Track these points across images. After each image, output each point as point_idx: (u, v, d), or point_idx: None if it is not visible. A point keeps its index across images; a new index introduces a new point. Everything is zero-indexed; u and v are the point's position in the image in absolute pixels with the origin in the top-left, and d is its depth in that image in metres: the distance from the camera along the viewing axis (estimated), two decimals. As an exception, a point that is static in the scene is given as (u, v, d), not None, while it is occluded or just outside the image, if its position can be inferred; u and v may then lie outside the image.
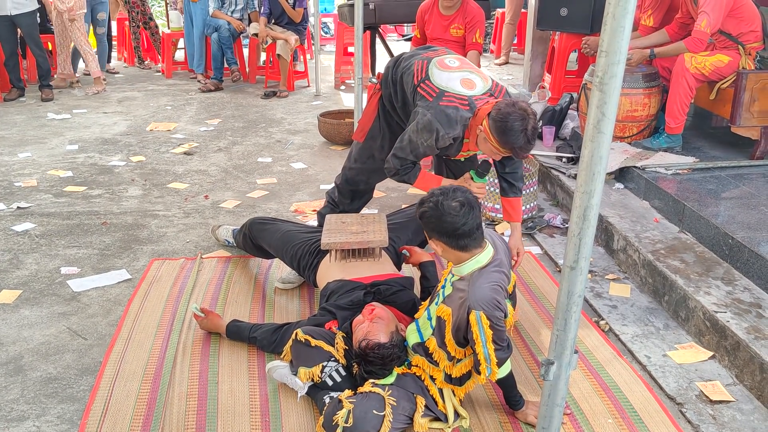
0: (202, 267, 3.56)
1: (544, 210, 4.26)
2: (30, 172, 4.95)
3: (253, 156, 5.37)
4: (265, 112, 6.69)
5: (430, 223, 2.28)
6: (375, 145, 3.26)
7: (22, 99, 7.12)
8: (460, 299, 2.24)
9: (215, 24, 7.49)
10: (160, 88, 7.73)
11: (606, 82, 1.27)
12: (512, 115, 2.54)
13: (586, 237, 1.39)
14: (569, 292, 1.46)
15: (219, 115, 6.56)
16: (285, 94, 7.30)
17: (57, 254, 3.70)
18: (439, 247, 2.30)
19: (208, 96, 7.32)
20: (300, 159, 5.28)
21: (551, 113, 5.01)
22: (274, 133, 5.98)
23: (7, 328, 3.00)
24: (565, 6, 5.15)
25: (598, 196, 1.35)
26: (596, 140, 1.30)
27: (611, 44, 1.24)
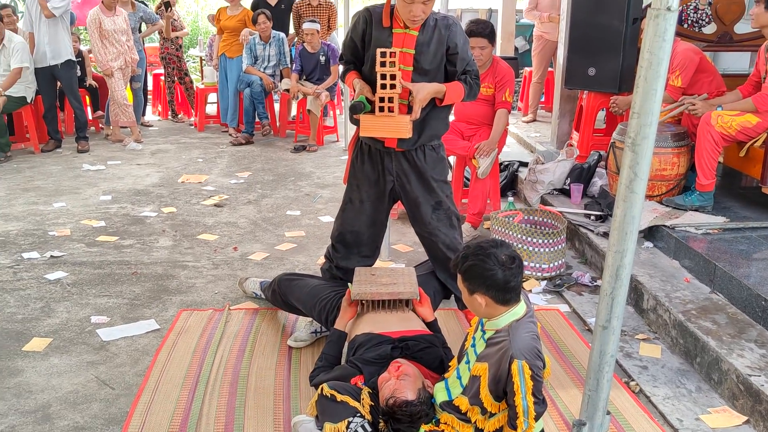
0: (229, 318, 3.58)
1: (572, 268, 4.23)
2: (64, 222, 5.05)
3: (282, 209, 5.43)
4: (295, 165, 6.79)
5: (477, 278, 2.26)
6: (352, 186, 3.29)
7: (58, 150, 7.30)
8: (499, 351, 2.23)
9: (248, 80, 7.67)
10: (192, 141, 7.89)
11: (638, 143, 1.28)
12: None
13: (619, 296, 1.38)
14: (601, 352, 1.45)
15: (249, 168, 6.67)
16: (314, 148, 7.41)
17: (88, 303, 3.74)
18: (483, 301, 2.28)
19: (239, 149, 7.45)
20: (328, 212, 5.33)
21: (579, 171, 5.02)
22: (303, 187, 6.05)
23: (37, 375, 3.03)
24: (592, 65, 5.21)
25: (630, 256, 1.35)
26: (629, 200, 1.31)
27: (643, 106, 1.26)
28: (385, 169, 3.17)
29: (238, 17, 7.85)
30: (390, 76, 2.90)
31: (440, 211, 3.24)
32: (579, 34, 5.29)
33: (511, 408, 2.23)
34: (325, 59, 7.57)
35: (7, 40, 6.73)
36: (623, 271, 1.35)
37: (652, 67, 1.23)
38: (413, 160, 3.14)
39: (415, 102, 2.92)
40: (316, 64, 7.59)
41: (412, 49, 2.96)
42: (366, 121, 2.97)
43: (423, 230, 3.29)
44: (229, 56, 7.90)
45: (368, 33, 3.03)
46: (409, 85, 2.93)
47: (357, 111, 2.94)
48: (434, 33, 2.99)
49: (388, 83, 2.91)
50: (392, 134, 2.99)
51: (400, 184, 3.20)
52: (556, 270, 4.09)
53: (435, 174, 3.19)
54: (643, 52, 1.24)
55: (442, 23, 3.01)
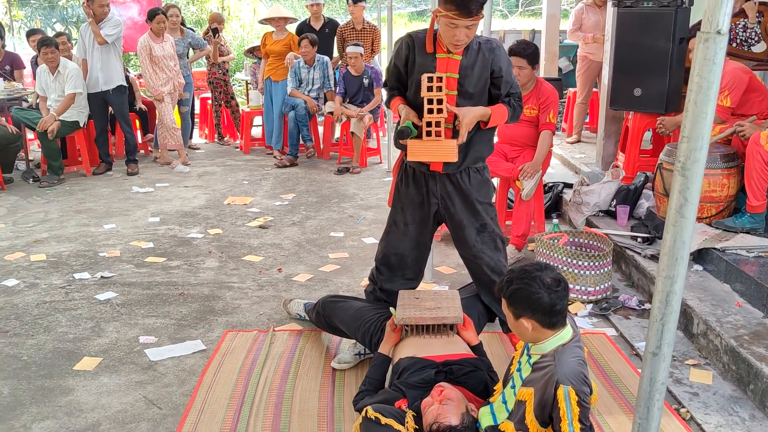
0: (274, 340, 3.61)
1: (618, 291, 4.17)
2: (114, 243, 5.16)
3: (325, 230, 5.47)
4: (338, 187, 6.84)
5: (522, 302, 2.25)
6: (397, 209, 3.30)
7: (109, 173, 7.48)
8: (545, 376, 2.21)
9: (293, 103, 7.77)
10: (237, 163, 8.01)
11: (688, 168, 1.27)
12: None
13: (669, 323, 1.36)
14: (652, 379, 1.42)
15: (293, 190, 6.74)
16: (358, 170, 7.46)
17: (136, 323, 3.81)
18: (529, 326, 2.26)
19: (283, 171, 7.54)
20: (371, 234, 5.35)
21: (625, 192, 4.96)
22: (347, 209, 6.09)
23: (87, 394, 3.09)
24: (638, 86, 5.15)
25: (681, 282, 1.33)
26: (679, 225, 1.29)
27: (693, 130, 1.25)
28: (430, 192, 3.18)
29: (284, 42, 7.98)
30: (437, 100, 2.91)
31: (485, 234, 3.23)
32: (624, 55, 5.24)
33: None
34: (368, 82, 7.64)
35: (62, 67, 6.95)
36: (674, 297, 1.33)
37: (702, 90, 1.22)
38: (458, 182, 3.14)
39: (461, 126, 2.93)
40: (359, 87, 7.67)
41: (456, 73, 2.98)
42: (413, 146, 2.99)
43: (467, 253, 3.28)
44: (274, 80, 8.02)
45: (411, 59, 3.06)
46: (455, 110, 2.95)
47: (404, 136, 2.97)
48: (478, 56, 3.00)
49: (435, 108, 2.92)
50: (439, 158, 3.00)
51: (445, 207, 3.20)
52: (602, 293, 4.03)
53: (480, 196, 3.19)
54: (692, 75, 1.22)
55: (486, 47, 3.02)
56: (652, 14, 5.03)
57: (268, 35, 8.17)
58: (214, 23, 8.78)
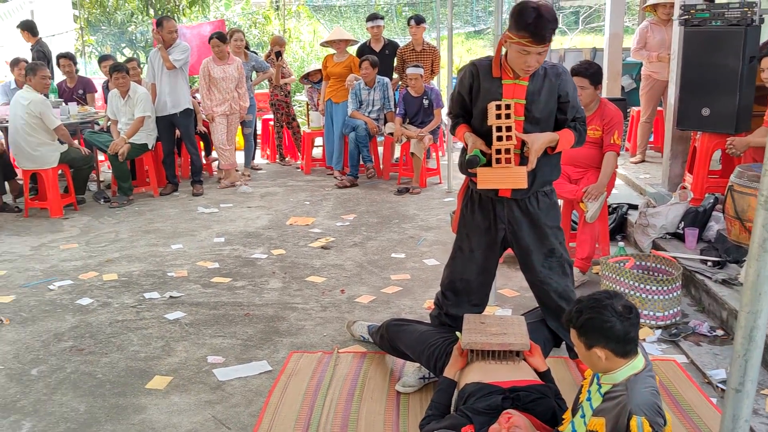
0: (338, 361, 3.64)
1: (688, 316, 4.07)
2: (181, 263, 5.29)
3: (386, 251, 5.50)
4: (398, 208, 6.88)
5: (595, 331, 2.23)
6: (462, 235, 3.29)
7: (175, 193, 7.69)
8: (617, 406, 2.17)
9: (353, 124, 7.87)
10: (299, 183, 8.13)
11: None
12: (526, 3, 2.81)
13: (753, 359, 1.33)
14: (734, 417, 1.39)
15: (354, 210, 6.80)
16: (417, 190, 7.49)
17: (204, 343, 3.90)
18: (602, 355, 2.24)
19: (344, 192, 7.62)
20: (433, 255, 5.35)
21: (694, 214, 4.85)
22: (407, 229, 6.11)
23: (159, 413, 3.17)
24: (707, 105, 5.05)
25: (764, 317, 1.30)
26: (762, 259, 1.27)
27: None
28: (497, 218, 3.17)
29: (344, 63, 8.10)
30: (505, 128, 2.92)
31: (553, 259, 3.20)
32: (692, 74, 5.15)
33: (630, 466, 2.15)
34: (428, 103, 7.69)
35: (132, 91, 7.20)
36: (757, 332, 1.31)
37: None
38: (526, 207, 3.13)
39: (531, 153, 2.93)
40: (419, 108, 7.71)
41: (522, 99, 2.98)
42: (483, 174, 3.00)
43: (534, 278, 3.25)
44: (335, 101, 8.14)
45: (475, 87, 3.08)
46: (523, 136, 2.95)
47: (473, 165, 2.98)
48: (544, 82, 3.00)
49: (503, 135, 2.93)
50: (510, 185, 3.01)
51: (512, 232, 3.19)
52: (671, 318, 3.94)
53: (548, 221, 3.17)
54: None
55: (552, 72, 3.02)
56: (721, 33, 4.93)
57: (329, 57, 8.30)
58: (277, 46, 8.97)
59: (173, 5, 14.95)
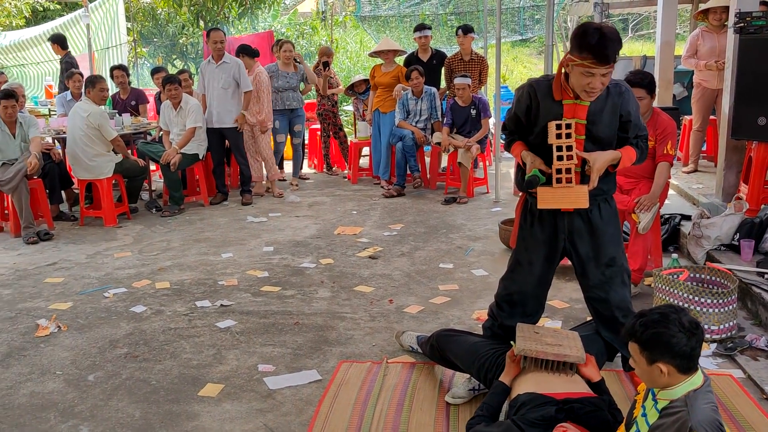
0: (387, 371, 3.65)
1: (744, 330, 3.97)
2: (231, 272, 5.37)
3: (434, 261, 5.49)
4: (446, 217, 6.86)
5: (661, 346, 2.19)
6: (520, 248, 3.26)
7: (225, 203, 7.82)
8: (676, 423, 2.13)
9: (400, 134, 7.89)
10: (346, 193, 8.18)
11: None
12: (588, 24, 2.80)
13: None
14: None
15: (401, 220, 6.81)
16: (465, 200, 7.47)
17: (255, 351, 3.95)
18: (666, 370, 2.20)
19: (391, 201, 7.64)
20: (481, 266, 5.33)
21: (750, 226, 4.73)
22: (455, 239, 6.10)
23: (211, 420, 3.22)
24: (763, 115, 4.93)
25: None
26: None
27: None
28: (558, 230, 3.15)
29: (392, 73, 8.14)
30: (566, 147, 2.90)
31: (614, 268, 3.16)
32: (747, 83, 5.04)
33: (691, 484, 2.11)
34: (476, 112, 7.67)
35: (183, 102, 7.35)
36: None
37: None
38: (588, 217, 3.11)
39: (592, 172, 2.92)
40: (467, 118, 7.70)
41: (583, 119, 2.95)
42: (543, 194, 2.98)
43: (592, 287, 3.21)
44: (382, 111, 8.18)
45: (533, 107, 3.06)
46: (585, 155, 2.93)
47: (533, 185, 2.96)
48: (607, 101, 2.97)
49: (564, 155, 2.91)
50: (571, 205, 2.99)
51: (572, 242, 3.16)
52: (726, 332, 3.85)
53: (609, 229, 3.15)
54: None
55: (615, 90, 2.99)
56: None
57: (377, 67, 8.36)
58: (324, 57, 9.06)
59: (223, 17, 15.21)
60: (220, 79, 7.52)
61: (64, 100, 8.14)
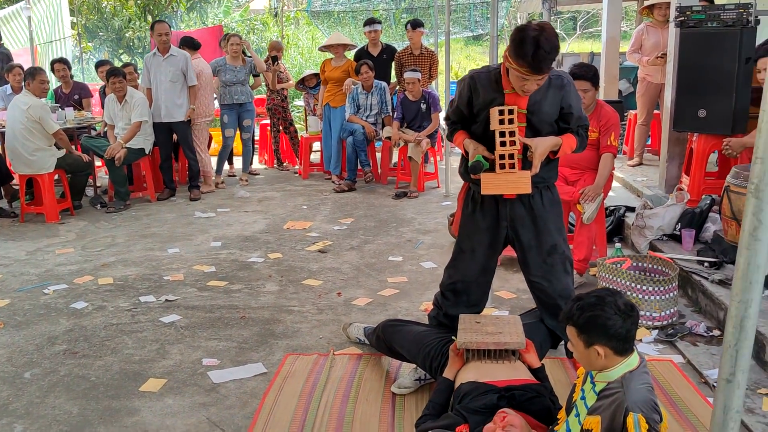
0: (334, 363, 3.62)
1: (685, 317, 4.05)
2: (177, 267, 5.28)
3: (384, 255, 5.48)
4: (396, 211, 6.86)
5: (597, 329, 2.21)
6: (463, 236, 3.29)
7: (173, 198, 7.68)
8: (613, 404, 2.16)
9: (351, 128, 7.86)
10: (296, 188, 8.12)
11: (762, 189, 1.23)
12: (527, 28, 2.74)
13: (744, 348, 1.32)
14: (725, 407, 1.38)
15: (352, 214, 6.79)
16: (415, 194, 7.48)
17: (199, 346, 3.88)
18: (602, 353, 2.22)
19: (342, 196, 7.61)
20: (430, 258, 5.34)
21: (690, 216, 4.84)
22: (405, 233, 6.10)
23: (152, 415, 3.15)
24: (703, 107, 5.05)
25: (756, 306, 1.29)
26: (753, 248, 1.26)
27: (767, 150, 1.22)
28: (500, 216, 3.17)
29: (342, 68, 8.10)
30: (509, 132, 2.91)
31: (555, 256, 3.19)
32: (688, 76, 5.15)
33: (626, 464, 2.13)
34: (426, 107, 7.68)
35: (129, 96, 7.20)
36: (748, 322, 1.29)
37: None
38: (529, 204, 3.13)
39: (535, 157, 2.93)
40: (417, 112, 7.71)
41: (524, 108, 2.97)
42: (487, 180, 2.99)
43: (534, 275, 3.23)
44: (332, 106, 8.14)
45: (474, 98, 3.07)
46: (527, 141, 2.95)
47: (477, 171, 2.96)
48: (548, 92, 2.99)
49: (507, 140, 2.92)
50: (514, 190, 3.00)
51: (514, 230, 3.18)
52: (668, 319, 3.92)
53: (551, 216, 3.17)
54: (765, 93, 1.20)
55: (556, 83, 3.01)
56: (717, 34, 4.94)
57: (327, 62, 8.31)
58: (274, 51, 8.98)
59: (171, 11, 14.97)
60: (167, 73, 7.39)
61: (4, 94, 7.91)
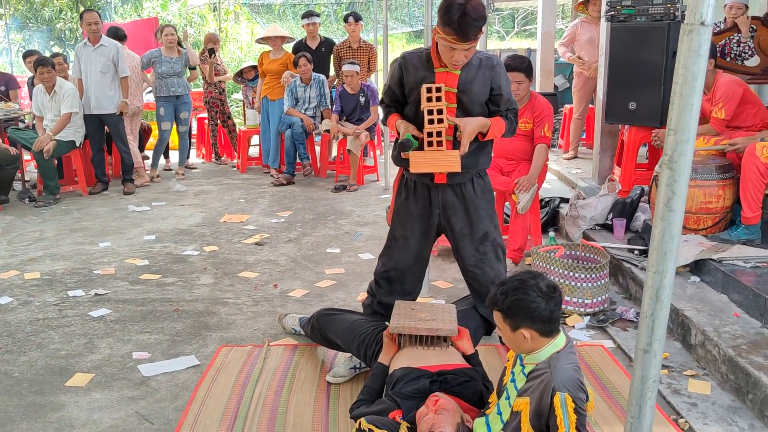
0: (269, 354, 3.58)
1: (616, 303, 4.14)
2: (109, 261, 5.14)
3: (322, 247, 5.45)
4: (335, 204, 6.83)
5: (521, 312, 2.22)
6: (396, 223, 3.29)
7: (105, 192, 7.48)
8: (541, 384, 2.18)
9: (289, 121, 7.78)
10: (234, 182, 8.01)
11: (676, 160, 1.26)
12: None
13: (660, 318, 1.34)
14: (643, 377, 1.40)
15: (290, 207, 6.72)
16: (354, 188, 7.45)
17: (130, 339, 3.78)
18: (528, 335, 2.23)
19: (280, 189, 7.53)
20: (368, 250, 5.33)
21: (622, 206, 4.95)
22: (343, 225, 6.07)
23: (78, 410, 3.05)
24: (633, 100, 5.16)
25: (670, 277, 1.31)
26: (667, 219, 1.28)
27: (680, 122, 1.24)
28: (432, 204, 3.17)
29: (280, 61, 8.01)
30: (437, 111, 2.91)
31: (487, 243, 3.21)
32: (618, 70, 5.26)
33: (554, 443, 2.16)
34: (364, 100, 7.67)
35: (58, 87, 6.97)
36: (663, 292, 1.31)
37: (687, 82, 1.21)
38: (461, 192, 3.14)
39: (463, 136, 2.93)
40: (355, 105, 7.69)
41: (454, 87, 2.98)
42: (416, 158, 2.98)
43: (467, 263, 3.25)
44: (270, 99, 8.05)
45: (405, 78, 3.07)
46: (455, 120, 2.95)
47: (405, 148, 2.96)
48: (478, 73, 3.00)
49: (435, 118, 2.92)
50: (443, 168, 2.99)
51: (446, 217, 3.18)
52: (599, 305, 4.00)
53: (483, 204, 3.18)
54: (677, 68, 1.22)
55: (486, 63, 3.02)
56: (646, 28, 5.06)
57: (264, 54, 8.21)
58: (210, 43, 8.81)
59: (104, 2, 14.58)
60: (97, 63, 7.19)
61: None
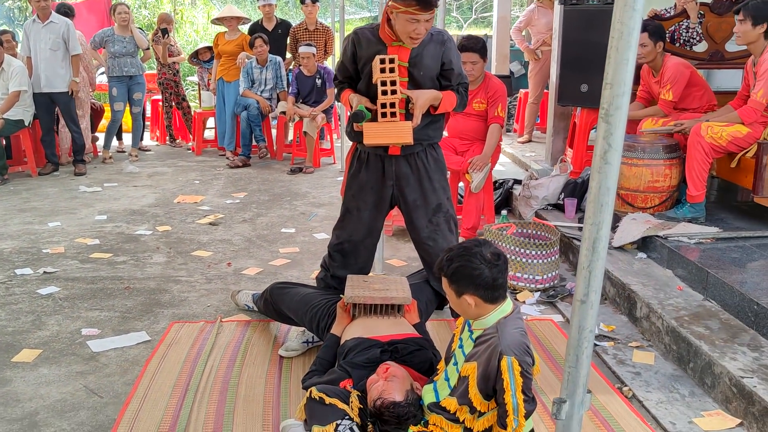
0: (221, 330, 3.56)
1: (566, 279, 4.22)
2: (58, 240, 5.05)
3: (276, 227, 5.43)
4: (291, 186, 6.81)
5: (464, 279, 2.25)
6: (349, 196, 3.31)
7: (56, 173, 7.33)
8: (488, 349, 2.21)
9: (245, 103, 7.72)
10: (189, 164, 7.91)
11: (611, 114, 1.29)
12: None
13: (596, 270, 1.38)
14: (580, 327, 1.44)
15: (245, 189, 6.68)
16: (311, 170, 7.43)
17: (79, 316, 3.73)
18: (472, 302, 2.26)
19: (235, 171, 7.47)
20: (323, 230, 5.33)
21: (573, 186, 5.04)
22: (299, 206, 6.06)
23: (25, 385, 3.01)
24: (585, 82, 5.25)
25: (607, 228, 1.35)
26: (603, 171, 1.31)
27: (615, 76, 1.27)
28: (385, 175, 3.19)
29: (236, 42, 7.93)
30: (390, 82, 2.92)
31: (440, 215, 3.24)
32: (571, 52, 5.34)
33: (500, 406, 2.20)
34: (321, 82, 7.64)
35: (6, 64, 6.79)
36: (600, 243, 1.35)
37: (623, 37, 1.25)
38: (414, 162, 3.16)
39: (415, 108, 2.95)
40: (312, 87, 7.65)
41: (406, 62, 2.99)
42: (369, 129, 2.99)
43: (421, 235, 3.27)
44: (226, 80, 7.96)
45: (358, 54, 3.08)
46: (408, 92, 2.97)
47: (359, 119, 2.96)
48: (429, 46, 3.02)
49: (389, 89, 2.93)
50: (396, 140, 3.01)
51: (399, 188, 3.20)
52: (549, 281, 4.07)
53: (435, 176, 3.21)
54: (614, 22, 1.25)
55: (437, 38, 3.05)
56: (597, 11, 5.14)
57: (220, 35, 8.11)
58: (163, 23, 8.68)
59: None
60: (47, 40, 7.02)
61: None
